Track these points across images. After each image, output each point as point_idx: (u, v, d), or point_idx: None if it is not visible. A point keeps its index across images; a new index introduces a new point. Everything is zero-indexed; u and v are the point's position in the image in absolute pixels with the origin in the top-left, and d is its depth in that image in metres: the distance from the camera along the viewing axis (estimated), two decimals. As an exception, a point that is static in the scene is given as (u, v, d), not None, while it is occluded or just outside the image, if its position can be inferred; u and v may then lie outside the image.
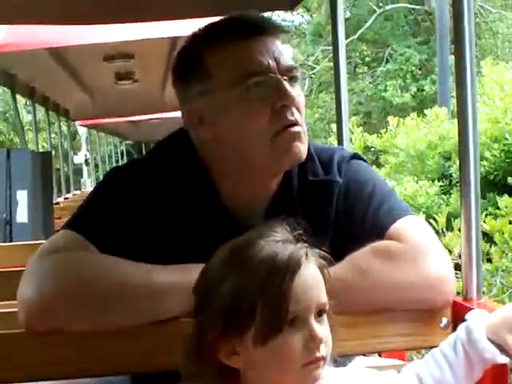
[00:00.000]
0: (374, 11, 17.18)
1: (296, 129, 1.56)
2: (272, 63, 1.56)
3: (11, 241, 5.19)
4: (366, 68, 16.80)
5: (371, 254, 1.49)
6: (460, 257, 1.59)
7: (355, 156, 1.74)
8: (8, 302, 1.53)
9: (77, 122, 11.41)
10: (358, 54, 17.99)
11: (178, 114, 1.65)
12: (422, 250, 1.50)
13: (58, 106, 9.14)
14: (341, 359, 1.38)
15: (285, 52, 1.61)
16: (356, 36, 16.94)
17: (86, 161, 14.51)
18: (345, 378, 1.29)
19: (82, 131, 14.72)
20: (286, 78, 1.56)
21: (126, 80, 6.99)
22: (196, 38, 1.63)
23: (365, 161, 1.76)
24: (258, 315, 1.16)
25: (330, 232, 1.62)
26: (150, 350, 1.44)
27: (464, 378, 1.32)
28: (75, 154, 14.06)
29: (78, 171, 13.43)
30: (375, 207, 1.59)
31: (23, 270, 1.51)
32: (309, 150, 1.65)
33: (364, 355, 1.72)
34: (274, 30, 1.62)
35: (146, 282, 1.44)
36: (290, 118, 1.55)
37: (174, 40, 5.29)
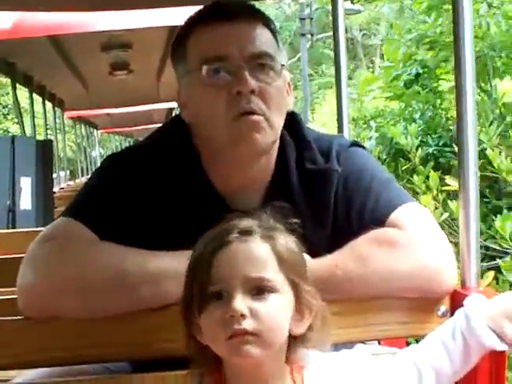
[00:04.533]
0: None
1: (252, 118, 1.53)
2: (232, 50, 1.54)
3: (14, 227, 5.20)
4: (303, 81, 20.10)
5: (371, 241, 1.49)
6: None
7: (354, 144, 1.74)
8: (13, 289, 1.55)
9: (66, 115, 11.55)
10: (298, 71, 21.98)
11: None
12: (421, 237, 1.50)
13: (54, 96, 9.14)
14: (340, 347, 1.40)
15: (258, 37, 1.58)
16: (296, 58, 21.98)
17: (100, 154, 16.43)
18: (336, 363, 1.29)
19: (97, 132, 17.05)
20: (250, 65, 1.54)
21: (121, 70, 6.98)
22: (185, 21, 1.65)
23: (364, 148, 1.76)
24: (194, 290, 1.23)
25: (330, 220, 1.62)
26: (149, 337, 1.45)
27: (461, 364, 1.32)
28: (92, 149, 16.11)
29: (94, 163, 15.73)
30: (374, 196, 1.59)
31: None
32: (306, 137, 1.66)
33: (363, 343, 1.74)
34: (247, 15, 1.60)
35: (144, 268, 1.45)
36: (246, 105, 1.53)
37: (171, 30, 5.29)
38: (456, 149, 1.64)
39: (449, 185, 3.79)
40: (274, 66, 1.58)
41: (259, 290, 1.20)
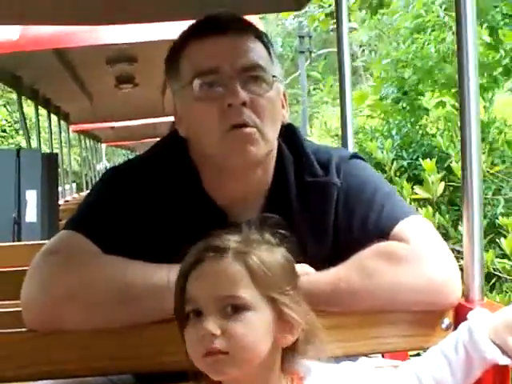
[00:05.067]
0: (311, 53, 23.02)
1: (245, 130, 1.53)
2: (223, 63, 1.55)
3: (20, 240, 5.20)
4: (306, 96, 21.33)
5: (376, 255, 1.49)
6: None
7: (354, 156, 1.74)
8: (17, 301, 1.55)
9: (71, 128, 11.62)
10: (299, 87, 22.69)
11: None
12: (426, 251, 1.50)
13: (59, 109, 9.17)
14: (343, 360, 1.39)
15: (249, 50, 1.58)
16: (298, 73, 22.37)
17: (106, 168, 17.31)
18: (337, 374, 1.29)
19: (102, 146, 17.87)
20: (241, 77, 1.54)
21: (127, 84, 7.00)
22: (178, 38, 1.66)
23: (364, 160, 1.75)
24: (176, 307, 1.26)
25: (331, 233, 1.61)
26: (153, 349, 1.46)
27: (462, 377, 1.32)
28: (98, 163, 16.65)
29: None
30: (377, 209, 1.58)
31: None
32: (304, 149, 1.66)
33: (367, 356, 1.73)
34: (238, 28, 1.60)
35: (148, 281, 1.45)
36: (238, 118, 1.53)
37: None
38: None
39: (417, 193, 4.08)
40: (266, 78, 1.58)
41: (233, 308, 1.20)
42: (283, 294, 1.24)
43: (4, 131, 20.40)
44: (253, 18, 3.94)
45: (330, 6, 7.72)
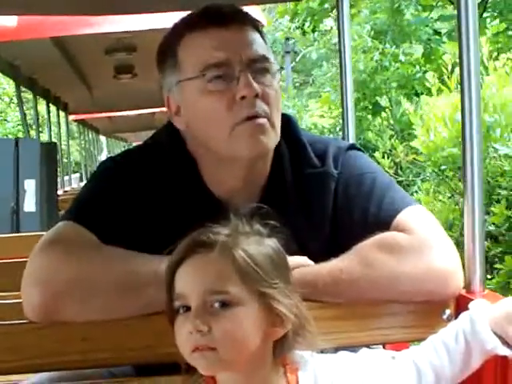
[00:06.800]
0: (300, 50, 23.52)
1: (258, 121, 1.54)
2: (231, 55, 1.55)
3: (18, 230, 5.20)
4: (296, 90, 21.57)
5: (377, 246, 1.48)
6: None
7: (352, 147, 1.73)
8: (18, 293, 1.55)
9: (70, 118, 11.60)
10: (290, 80, 23.40)
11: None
12: (428, 242, 1.49)
13: (59, 99, 9.15)
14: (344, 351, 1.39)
15: (254, 42, 1.59)
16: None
17: None
18: (333, 364, 1.29)
19: (103, 138, 18.56)
20: (250, 69, 1.55)
21: (126, 74, 6.98)
22: (173, 28, 1.64)
23: (362, 151, 1.75)
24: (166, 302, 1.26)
25: (328, 225, 1.61)
26: (154, 341, 1.46)
27: (461, 367, 1.32)
28: (99, 154, 17.03)
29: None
30: (377, 201, 1.58)
31: None
32: (301, 140, 1.66)
33: (368, 347, 1.73)
34: (241, 20, 1.60)
35: (150, 271, 1.45)
36: (251, 109, 1.53)
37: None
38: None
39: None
40: (271, 69, 1.59)
41: (220, 304, 1.20)
42: (271, 288, 1.23)
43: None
44: (255, 11, 3.93)
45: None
